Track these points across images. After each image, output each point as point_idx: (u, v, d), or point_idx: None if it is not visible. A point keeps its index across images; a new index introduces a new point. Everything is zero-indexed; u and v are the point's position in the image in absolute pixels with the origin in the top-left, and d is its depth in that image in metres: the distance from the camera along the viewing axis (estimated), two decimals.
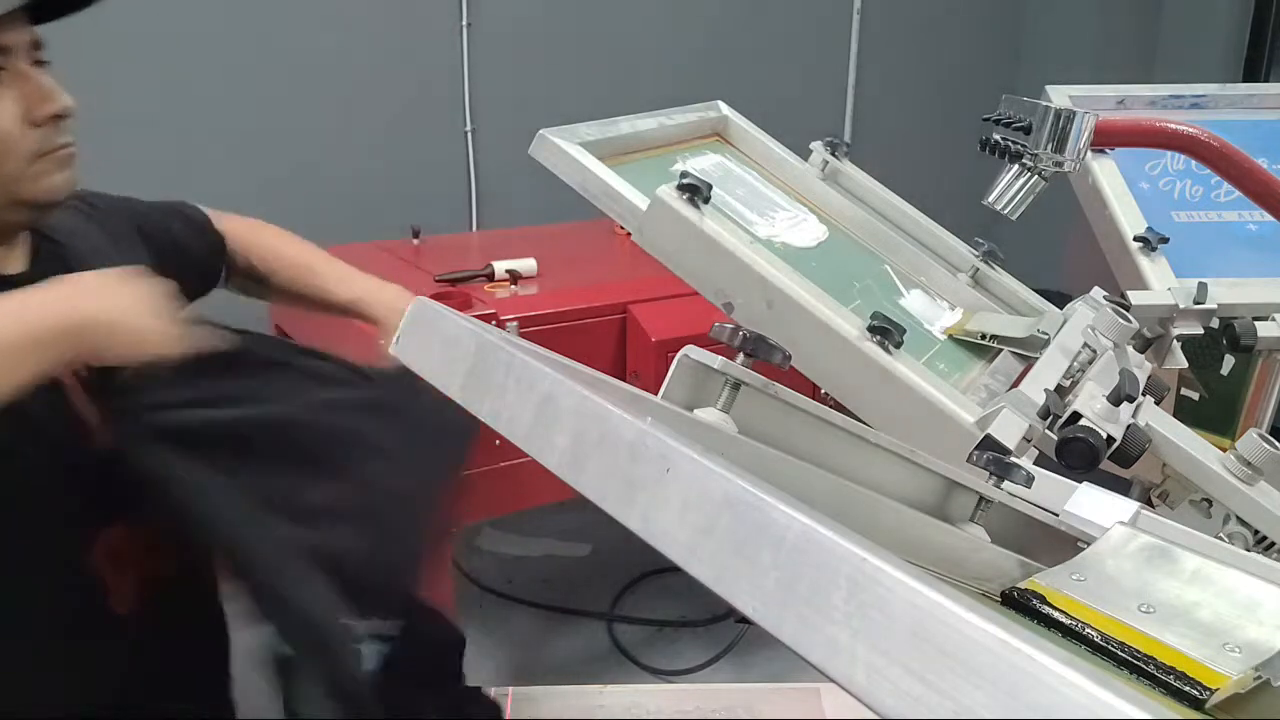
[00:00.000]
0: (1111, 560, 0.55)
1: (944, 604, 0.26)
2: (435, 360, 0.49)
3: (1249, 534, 0.94)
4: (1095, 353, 0.94)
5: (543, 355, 0.47)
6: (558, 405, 0.40)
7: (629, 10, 2.96)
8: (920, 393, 0.91)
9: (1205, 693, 0.42)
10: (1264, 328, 1.16)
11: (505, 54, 2.77)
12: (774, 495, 0.30)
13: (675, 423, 0.51)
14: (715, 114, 1.36)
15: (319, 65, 2.52)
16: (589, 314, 1.70)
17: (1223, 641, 0.46)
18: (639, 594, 2.00)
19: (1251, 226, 1.39)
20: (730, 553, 0.31)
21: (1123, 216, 1.34)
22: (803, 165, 1.34)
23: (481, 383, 0.45)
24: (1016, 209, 1.10)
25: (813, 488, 0.51)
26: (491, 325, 0.74)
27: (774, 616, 0.29)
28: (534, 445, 0.41)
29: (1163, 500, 1.01)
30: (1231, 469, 0.94)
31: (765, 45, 3.21)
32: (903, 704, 0.25)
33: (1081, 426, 0.81)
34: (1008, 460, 0.70)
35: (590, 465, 0.37)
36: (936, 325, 1.17)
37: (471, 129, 2.76)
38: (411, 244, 2.12)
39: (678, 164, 1.23)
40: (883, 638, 0.26)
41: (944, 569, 0.53)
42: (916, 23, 3.48)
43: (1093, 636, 0.46)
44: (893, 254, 1.27)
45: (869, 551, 0.28)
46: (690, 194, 0.96)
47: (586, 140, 1.12)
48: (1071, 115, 1.04)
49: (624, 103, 1.36)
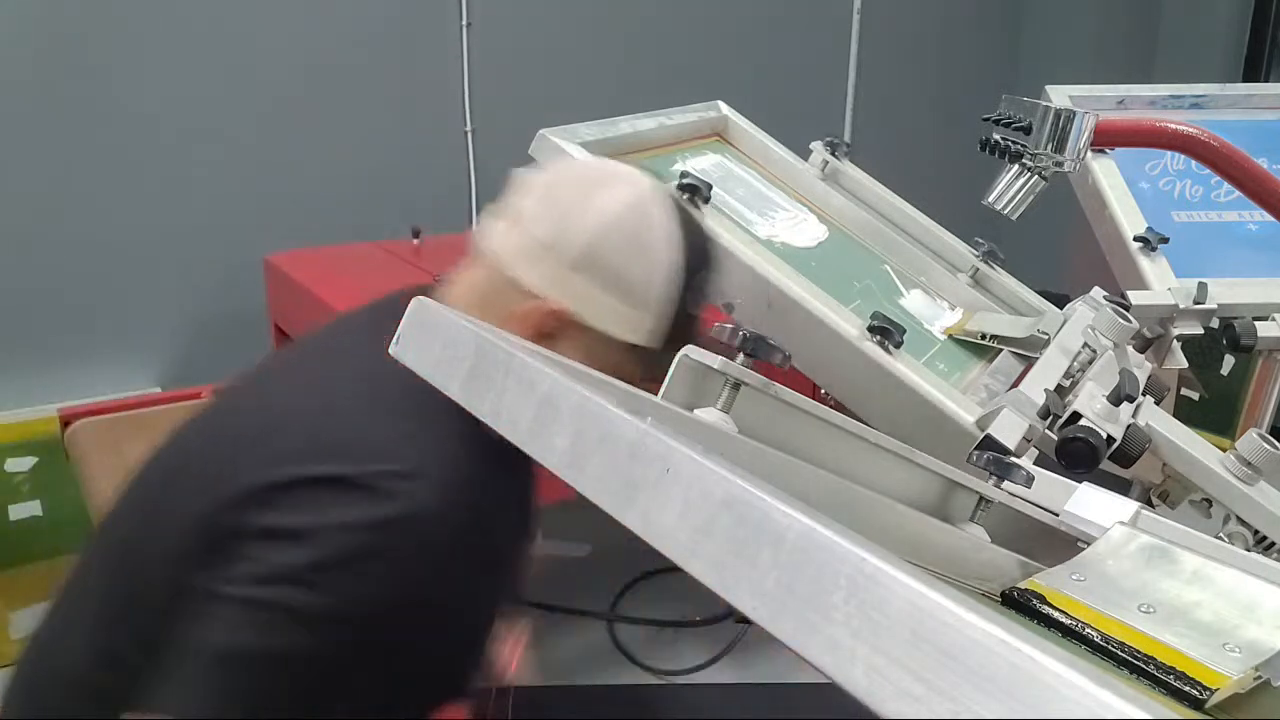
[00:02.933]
0: (1111, 560, 0.55)
1: (944, 604, 0.26)
2: (435, 360, 0.49)
3: (1249, 534, 0.94)
4: (1095, 353, 0.94)
5: (543, 355, 0.47)
6: (558, 405, 0.40)
7: (629, 10, 2.96)
8: (920, 393, 0.91)
9: (1205, 693, 0.42)
10: (1264, 328, 1.16)
11: (505, 54, 2.77)
12: (774, 495, 0.30)
13: (675, 423, 0.51)
14: (715, 114, 1.36)
15: (319, 65, 2.52)
16: None
17: (1223, 641, 0.46)
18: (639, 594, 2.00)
19: (1251, 226, 1.39)
20: (730, 553, 0.31)
21: (1123, 216, 1.34)
22: (803, 165, 1.34)
23: (481, 383, 0.45)
24: (1016, 209, 1.10)
25: (813, 488, 0.51)
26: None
27: (774, 616, 0.29)
28: (534, 445, 0.41)
29: (1163, 500, 1.01)
30: (1231, 469, 0.94)
31: (765, 45, 3.21)
32: (903, 704, 0.25)
33: (1081, 426, 0.81)
34: (1008, 460, 0.70)
35: (590, 465, 0.37)
36: (936, 325, 1.17)
37: (471, 129, 2.76)
38: (411, 244, 2.12)
39: (678, 164, 1.23)
40: (883, 638, 0.26)
41: (944, 569, 0.53)
42: (916, 23, 3.48)
43: (1093, 636, 0.46)
44: (893, 254, 1.27)
45: (869, 551, 0.28)
46: (690, 194, 0.96)
47: (586, 140, 1.12)
48: (1071, 115, 1.04)
49: (624, 103, 1.36)
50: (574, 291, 0.82)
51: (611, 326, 0.83)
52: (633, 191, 0.83)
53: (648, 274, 0.83)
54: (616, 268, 0.82)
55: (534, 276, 0.82)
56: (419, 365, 0.50)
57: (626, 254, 0.82)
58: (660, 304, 0.83)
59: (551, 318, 0.82)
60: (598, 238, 0.81)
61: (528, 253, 0.82)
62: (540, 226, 0.82)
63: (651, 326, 0.84)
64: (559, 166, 0.86)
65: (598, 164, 0.86)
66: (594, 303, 0.82)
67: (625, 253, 0.82)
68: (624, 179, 0.84)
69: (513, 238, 0.83)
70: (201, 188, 2.38)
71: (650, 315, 0.84)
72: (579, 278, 0.81)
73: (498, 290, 0.84)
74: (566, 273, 0.81)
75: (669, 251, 0.83)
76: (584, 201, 0.82)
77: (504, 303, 0.83)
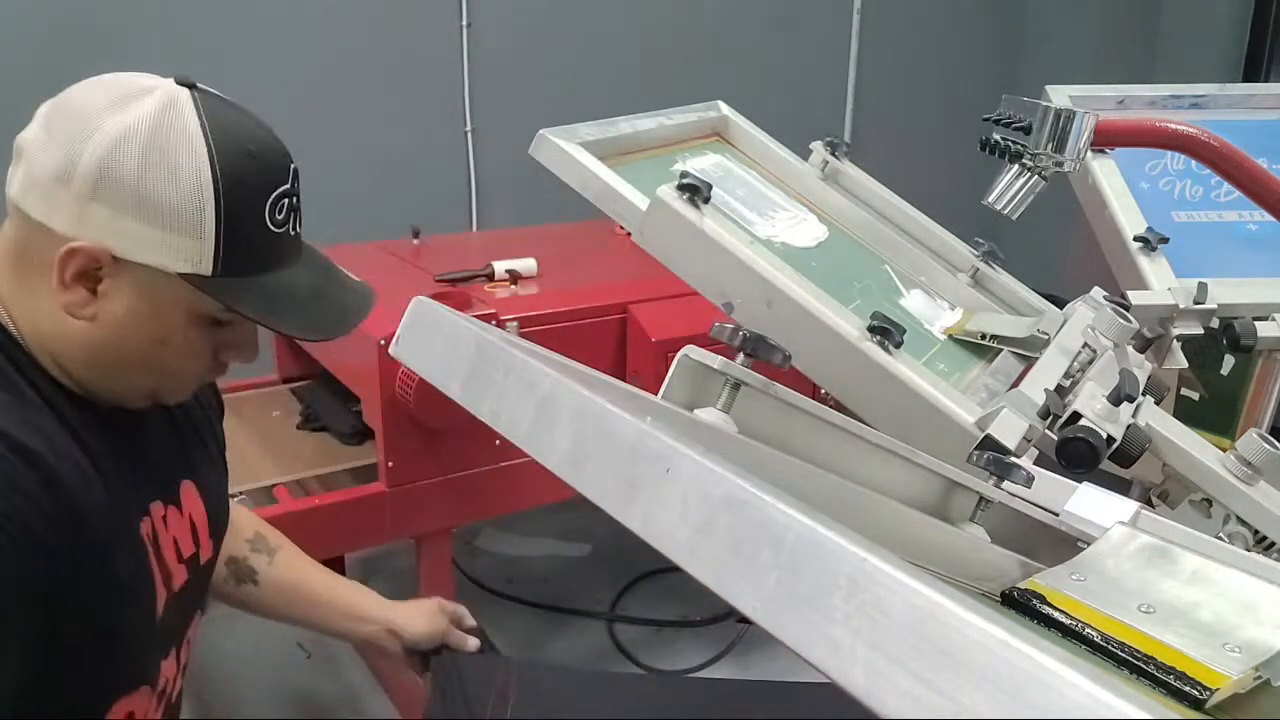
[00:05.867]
0: (1111, 560, 0.55)
1: (944, 604, 0.26)
2: (435, 360, 0.49)
3: (1249, 534, 0.94)
4: (1095, 353, 0.94)
5: (543, 355, 0.47)
6: (558, 405, 0.40)
7: (629, 10, 2.96)
8: (920, 393, 0.91)
9: (1205, 693, 0.42)
10: (1264, 328, 1.16)
11: (505, 54, 2.77)
12: (774, 495, 0.30)
13: (675, 423, 0.51)
14: (715, 114, 1.36)
15: (319, 65, 2.52)
16: (589, 314, 1.69)
17: (1223, 641, 0.46)
18: (639, 594, 1.99)
19: (1251, 226, 1.39)
20: (730, 553, 0.31)
21: (1123, 216, 1.34)
22: (803, 165, 1.34)
23: (481, 383, 0.45)
24: (1016, 209, 1.10)
25: (813, 488, 0.51)
26: (491, 325, 0.74)
27: (774, 616, 0.29)
28: (534, 445, 0.41)
29: (1163, 500, 1.01)
30: (1231, 469, 0.94)
31: (765, 45, 3.21)
32: (903, 704, 0.25)
33: (1081, 426, 0.81)
34: (1008, 460, 0.70)
35: (590, 465, 0.37)
36: (936, 325, 1.17)
37: (471, 129, 2.76)
38: (411, 244, 2.12)
39: (678, 164, 1.23)
40: (883, 638, 0.26)
41: (944, 569, 0.53)
42: (916, 23, 3.48)
43: (1093, 636, 0.46)
44: (893, 254, 1.27)
45: (869, 551, 0.28)
46: (690, 194, 0.96)
47: (586, 140, 1.12)
48: (1071, 115, 1.04)
49: (624, 103, 1.36)
50: (101, 225, 0.72)
51: (157, 258, 0.74)
52: (147, 103, 0.74)
53: (180, 190, 0.73)
54: (138, 188, 0.72)
55: (55, 216, 0.73)
56: (419, 365, 0.50)
57: (147, 171, 0.72)
58: (207, 222, 0.74)
59: (85, 259, 0.73)
60: (109, 158, 0.72)
61: (42, 190, 0.73)
62: (49, 157, 0.73)
63: (205, 251, 0.75)
64: (69, 90, 0.76)
65: (108, 79, 0.77)
66: (126, 234, 0.73)
67: (145, 170, 0.72)
68: (135, 91, 0.75)
69: (22, 178, 0.74)
70: None
71: (197, 238, 0.74)
72: (100, 208, 0.72)
73: (28, 242, 0.75)
74: (85, 204, 0.72)
75: (201, 162, 0.74)
76: (92, 120, 0.73)
77: (39, 256, 0.74)
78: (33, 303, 0.75)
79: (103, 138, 0.72)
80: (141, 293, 0.75)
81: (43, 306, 0.75)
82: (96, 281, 0.74)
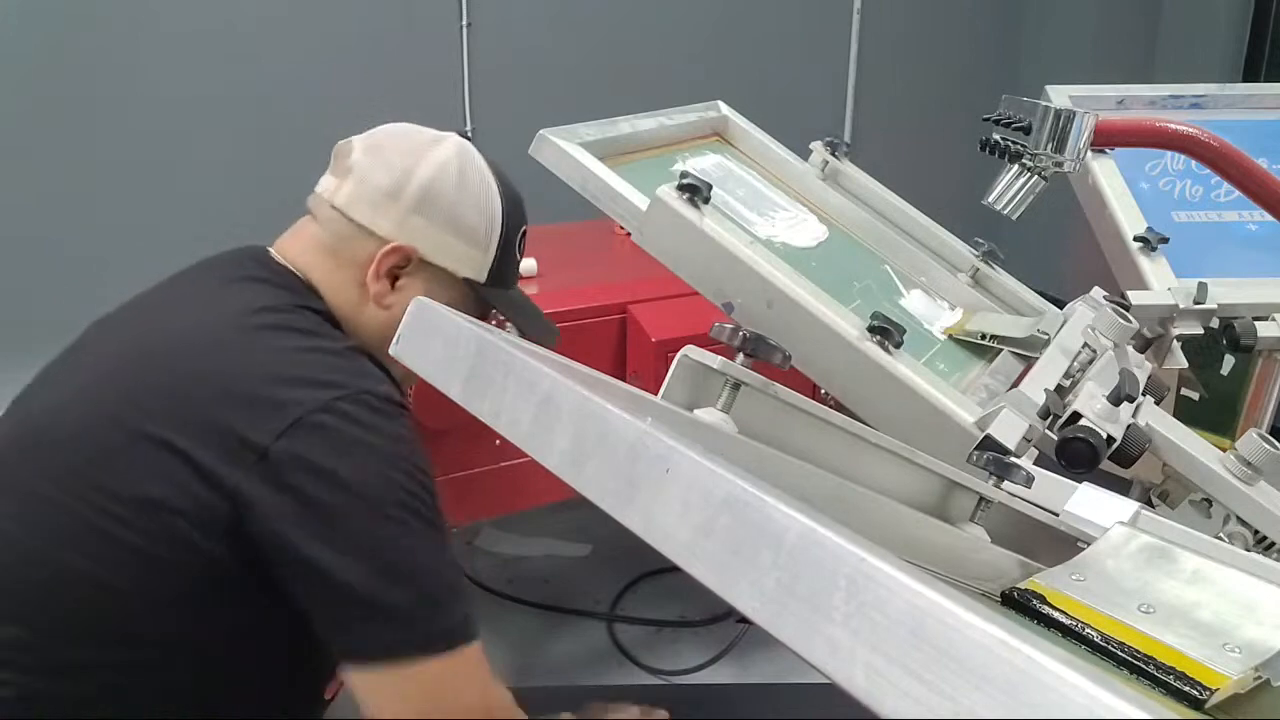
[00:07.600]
0: (1111, 560, 0.55)
1: (944, 604, 0.26)
2: (435, 360, 0.49)
3: (1249, 534, 0.94)
4: (1095, 353, 0.94)
5: (543, 355, 0.47)
6: (558, 405, 0.40)
7: (629, 10, 2.96)
8: (920, 393, 0.91)
9: (1205, 693, 0.42)
10: (1264, 328, 1.16)
11: (505, 54, 2.77)
12: (774, 495, 0.30)
13: (675, 423, 0.51)
14: (715, 114, 1.36)
15: (319, 65, 2.52)
16: (589, 314, 1.69)
17: (1223, 641, 0.46)
18: (639, 594, 1.99)
19: (1251, 226, 1.39)
20: (730, 553, 0.31)
21: (1123, 216, 1.34)
22: (803, 165, 1.34)
23: (481, 383, 0.45)
24: (1016, 209, 1.10)
25: (813, 488, 0.51)
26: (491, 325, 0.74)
27: (774, 616, 0.29)
28: (534, 445, 0.41)
29: (1163, 500, 1.01)
30: (1231, 469, 0.94)
31: (765, 45, 3.21)
32: (903, 704, 0.25)
33: (1081, 426, 0.81)
34: (1008, 460, 0.70)
35: (590, 465, 0.37)
36: (936, 325, 1.17)
37: (471, 129, 2.77)
38: None
39: (678, 164, 1.23)
40: (883, 638, 0.26)
41: (944, 569, 0.53)
42: (916, 23, 3.47)
43: (1093, 636, 0.46)
44: (893, 254, 1.27)
45: (869, 551, 0.28)
46: (690, 194, 0.96)
47: (586, 140, 1.12)
48: (1071, 115, 1.04)
49: (624, 103, 1.36)
50: (417, 232, 0.94)
51: (452, 263, 0.96)
52: (455, 145, 0.97)
53: (478, 215, 0.97)
54: (452, 209, 0.95)
55: (380, 222, 0.93)
56: (419, 366, 0.50)
57: (459, 197, 0.95)
58: (492, 242, 0.98)
59: (399, 257, 0.93)
60: (433, 183, 0.94)
61: (371, 201, 0.93)
62: (379, 177, 0.93)
63: (485, 263, 0.98)
64: (378, 130, 0.98)
65: (413, 127, 0.99)
66: (435, 241, 0.95)
67: (458, 196, 0.95)
68: (441, 138, 0.98)
69: (351, 190, 0.94)
70: (201, 187, 2.38)
71: (484, 252, 0.98)
72: (419, 219, 0.94)
73: (344, 240, 0.94)
74: (408, 215, 0.93)
75: (493, 197, 0.98)
76: (416, 153, 0.94)
77: (351, 251, 0.93)
78: (343, 292, 0.94)
79: (428, 166, 0.94)
80: (430, 290, 0.95)
81: (348, 295, 0.94)
82: (398, 277, 0.94)
